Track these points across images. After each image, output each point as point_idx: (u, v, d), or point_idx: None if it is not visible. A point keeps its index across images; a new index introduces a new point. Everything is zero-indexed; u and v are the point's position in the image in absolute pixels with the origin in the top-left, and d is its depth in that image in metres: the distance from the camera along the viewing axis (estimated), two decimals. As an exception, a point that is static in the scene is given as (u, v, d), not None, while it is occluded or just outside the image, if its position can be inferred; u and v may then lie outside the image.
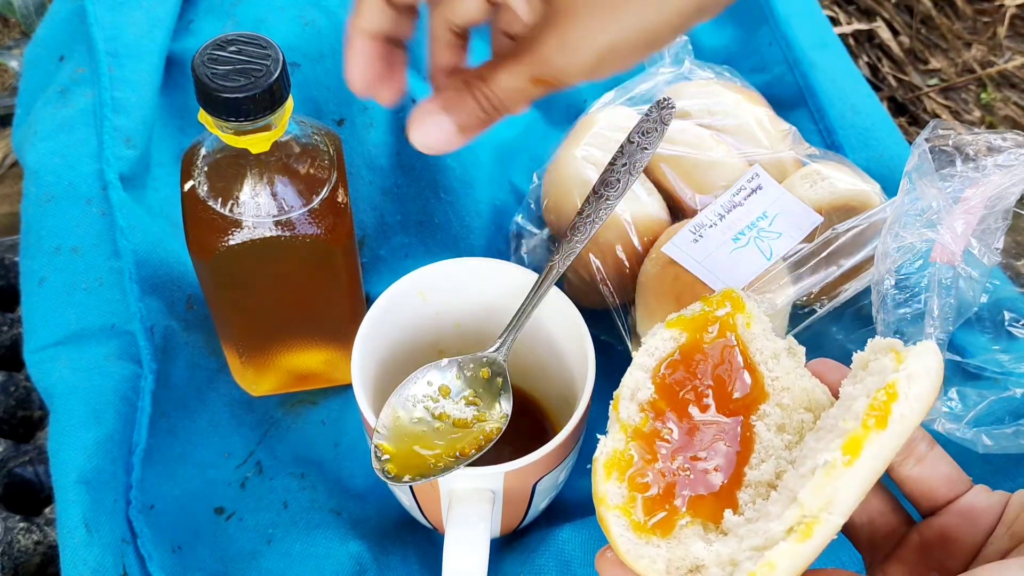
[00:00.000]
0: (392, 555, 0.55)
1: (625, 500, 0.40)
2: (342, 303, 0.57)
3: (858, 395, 0.38)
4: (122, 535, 0.54)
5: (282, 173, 0.50)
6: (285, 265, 0.53)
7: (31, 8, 0.86)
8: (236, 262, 0.51)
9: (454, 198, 0.69)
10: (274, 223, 0.50)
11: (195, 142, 0.52)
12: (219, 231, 0.50)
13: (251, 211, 0.50)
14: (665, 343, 0.43)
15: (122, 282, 0.61)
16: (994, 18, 0.95)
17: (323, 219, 0.51)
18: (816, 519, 0.35)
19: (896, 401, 0.36)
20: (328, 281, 0.55)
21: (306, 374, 0.61)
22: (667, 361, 0.43)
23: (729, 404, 0.42)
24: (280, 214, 0.50)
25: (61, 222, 0.63)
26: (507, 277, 0.54)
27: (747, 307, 0.44)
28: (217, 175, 0.50)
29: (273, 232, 0.50)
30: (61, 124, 0.67)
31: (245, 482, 0.58)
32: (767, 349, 0.43)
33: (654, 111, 0.56)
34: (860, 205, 0.60)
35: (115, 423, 0.56)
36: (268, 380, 0.61)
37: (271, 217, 0.50)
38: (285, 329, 0.58)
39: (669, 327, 0.43)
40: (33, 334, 0.60)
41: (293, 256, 0.52)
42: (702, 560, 0.38)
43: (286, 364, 0.60)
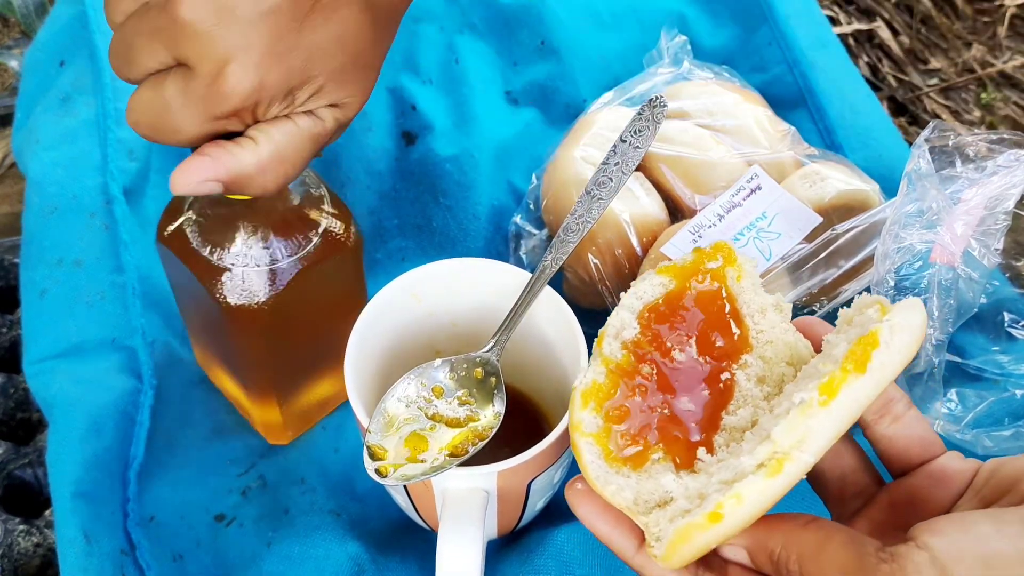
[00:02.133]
0: (391, 556, 0.55)
1: (600, 430, 0.41)
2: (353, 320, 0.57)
3: (839, 343, 0.38)
4: (121, 546, 0.54)
5: (281, 222, 0.50)
6: (306, 301, 0.52)
7: (31, 8, 0.86)
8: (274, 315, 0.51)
9: (452, 202, 0.69)
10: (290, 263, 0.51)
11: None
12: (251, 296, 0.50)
13: (253, 260, 0.50)
14: (654, 288, 0.44)
15: (124, 296, 0.61)
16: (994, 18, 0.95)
17: (326, 251, 0.52)
18: (787, 456, 0.35)
19: (877, 348, 0.36)
20: (340, 303, 0.55)
21: (329, 398, 0.61)
22: (654, 305, 0.43)
23: (712, 352, 0.43)
24: (274, 263, 0.50)
25: (64, 235, 0.63)
26: (501, 277, 0.54)
27: (738, 260, 0.44)
28: (213, 226, 0.50)
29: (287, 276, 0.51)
30: (64, 134, 0.67)
31: (247, 491, 0.58)
32: (754, 303, 0.44)
33: (646, 110, 0.56)
34: (860, 205, 0.60)
35: (114, 437, 0.56)
36: (301, 420, 0.60)
37: (268, 266, 0.50)
38: (315, 361, 0.58)
39: (660, 273, 0.44)
40: (33, 345, 0.60)
41: (309, 292, 0.52)
42: (671, 493, 0.39)
43: (316, 396, 0.59)
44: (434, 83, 0.76)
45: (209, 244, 0.50)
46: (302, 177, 0.52)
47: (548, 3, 0.79)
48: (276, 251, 0.50)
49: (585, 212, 0.53)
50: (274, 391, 0.56)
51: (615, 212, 0.60)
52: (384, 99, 0.74)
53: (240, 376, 0.56)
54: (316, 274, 0.51)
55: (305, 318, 0.54)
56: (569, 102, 0.76)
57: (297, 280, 0.51)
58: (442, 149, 0.71)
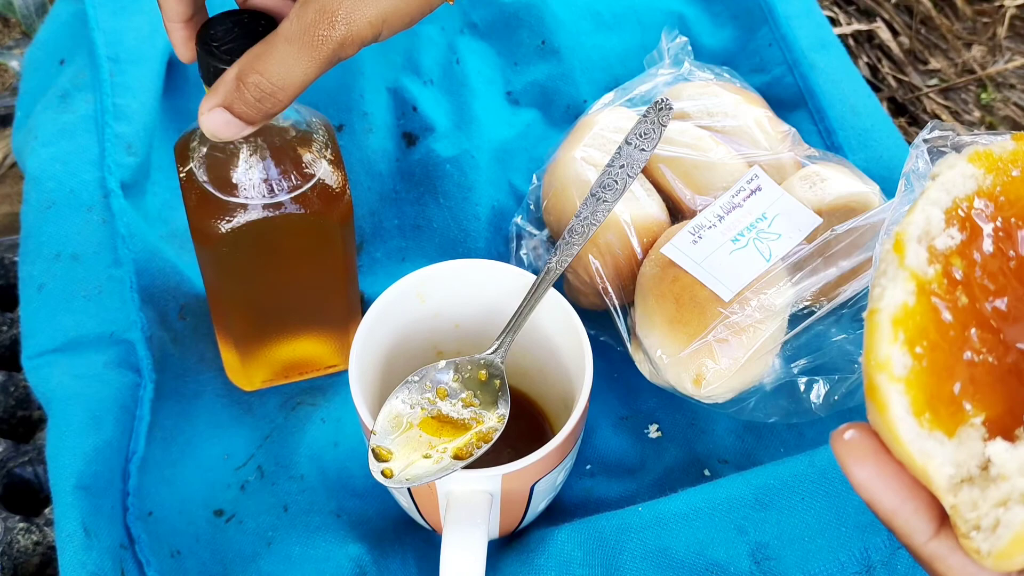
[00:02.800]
0: (391, 557, 0.55)
1: (909, 373, 0.31)
2: (338, 287, 0.57)
3: None
4: (120, 541, 0.54)
5: (278, 155, 0.50)
6: (282, 248, 0.53)
7: (31, 8, 0.86)
8: (235, 246, 0.52)
9: (453, 203, 0.69)
10: (270, 204, 0.51)
11: (191, 129, 0.53)
12: (217, 215, 0.51)
13: (247, 193, 0.50)
14: (966, 181, 0.34)
15: (122, 291, 0.61)
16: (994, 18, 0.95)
17: (318, 201, 0.51)
18: None
19: None
20: (324, 264, 0.55)
21: (300, 362, 0.61)
22: (965, 203, 0.34)
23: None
24: (272, 196, 0.51)
25: (61, 229, 0.63)
26: (505, 278, 0.54)
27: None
28: (214, 159, 0.51)
29: (270, 213, 0.51)
30: (62, 130, 0.67)
31: (245, 485, 0.58)
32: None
33: (652, 113, 0.56)
34: (860, 206, 0.60)
35: (114, 431, 0.56)
36: (262, 371, 0.61)
37: (265, 198, 0.50)
38: (283, 315, 0.58)
39: (972, 161, 0.34)
40: (31, 340, 0.60)
41: (290, 238, 0.52)
42: (1002, 468, 0.30)
43: (282, 353, 0.60)
44: (435, 84, 0.76)
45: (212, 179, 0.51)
46: (305, 117, 0.52)
47: (549, 3, 0.79)
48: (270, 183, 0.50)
49: (590, 214, 0.53)
50: (231, 328, 0.57)
51: (615, 213, 0.60)
52: (385, 100, 0.75)
53: (212, 309, 0.58)
54: (300, 222, 0.51)
55: (278, 263, 0.54)
56: (570, 103, 0.76)
57: (279, 219, 0.51)
58: (443, 150, 0.71)
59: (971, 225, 0.33)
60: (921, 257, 0.32)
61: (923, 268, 0.32)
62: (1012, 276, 0.33)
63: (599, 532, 0.53)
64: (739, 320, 0.54)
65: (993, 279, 0.32)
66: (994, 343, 0.32)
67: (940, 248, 0.33)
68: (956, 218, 0.33)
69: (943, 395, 0.31)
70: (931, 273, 0.32)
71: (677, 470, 0.59)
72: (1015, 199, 0.34)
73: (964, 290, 0.32)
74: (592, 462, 0.60)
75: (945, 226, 0.33)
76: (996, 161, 0.34)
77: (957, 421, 0.31)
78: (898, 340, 0.31)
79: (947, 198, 0.33)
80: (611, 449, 0.60)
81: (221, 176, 0.51)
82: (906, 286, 0.32)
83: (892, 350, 0.31)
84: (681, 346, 0.55)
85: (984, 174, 0.34)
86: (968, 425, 0.31)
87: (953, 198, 0.33)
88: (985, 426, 0.31)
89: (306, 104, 0.73)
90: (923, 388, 0.31)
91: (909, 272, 0.32)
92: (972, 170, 0.34)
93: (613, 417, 0.61)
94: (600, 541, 0.53)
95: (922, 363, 0.31)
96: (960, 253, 0.33)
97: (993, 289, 0.32)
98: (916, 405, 0.31)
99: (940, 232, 0.33)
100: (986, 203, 0.33)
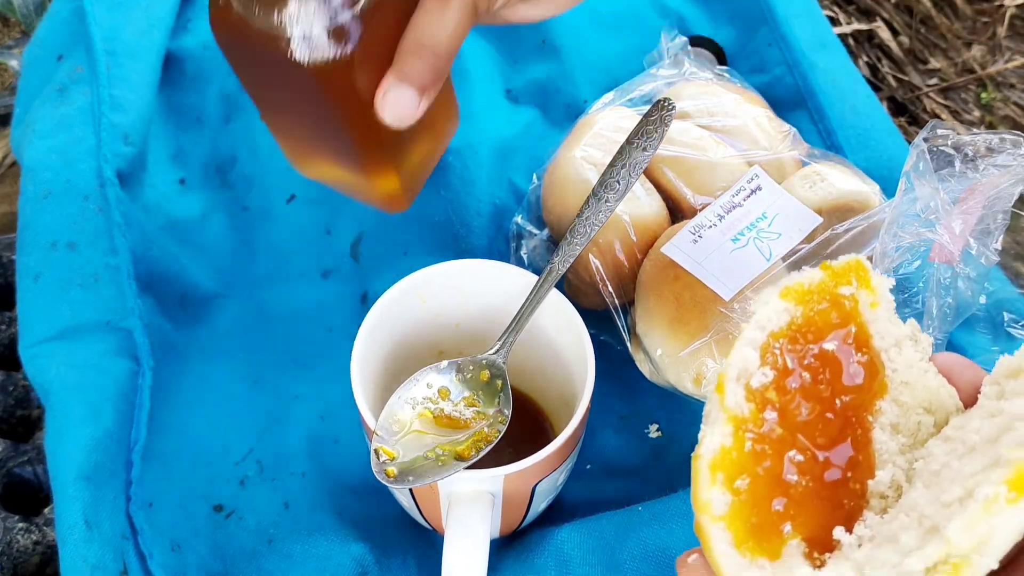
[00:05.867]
0: (393, 557, 0.55)
1: (730, 509, 0.33)
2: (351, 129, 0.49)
3: (1019, 414, 0.32)
4: (122, 532, 0.54)
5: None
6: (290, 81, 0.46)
7: (31, 8, 0.86)
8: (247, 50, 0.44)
9: (454, 195, 0.69)
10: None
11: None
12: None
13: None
14: (779, 316, 0.36)
15: (119, 279, 0.61)
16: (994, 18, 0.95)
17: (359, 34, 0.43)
18: (965, 560, 0.30)
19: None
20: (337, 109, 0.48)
21: (428, 155, 0.55)
22: (779, 338, 0.36)
23: (844, 397, 0.36)
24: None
25: (58, 218, 0.63)
26: (507, 279, 0.54)
27: (873, 282, 0.37)
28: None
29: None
30: (59, 122, 0.67)
31: (244, 480, 0.58)
32: (890, 335, 0.37)
33: (654, 112, 0.56)
34: (859, 206, 0.60)
35: (113, 420, 0.56)
36: (413, 181, 0.54)
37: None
38: (308, 141, 0.51)
39: (784, 297, 0.36)
40: (28, 329, 0.60)
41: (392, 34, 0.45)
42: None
43: (419, 153, 0.54)
44: (434, 76, 0.76)
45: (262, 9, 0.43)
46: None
47: (549, 2, 0.79)
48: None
49: (592, 214, 0.53)
50: (386, 154, 0.50)
51: (616, 212, 0.60)
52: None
53: (347, 153, 0.50)
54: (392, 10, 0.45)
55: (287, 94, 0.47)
56: (570, 102, 0.76)
57: (375, 20, 0.44)
58: (443, 142, 0.71)
59: (783, 359, 0.35)
60: (739, 396, 0.35)
61: (740, 407, 0.34)
62: (825, 401, 0.35)
63: (599, 532, 0.53)
64: (739, 319, 0.54)
65: (807, 406, 0.35)
66: (811, 465, 0.34)
67: (755, 386, 0.35)
68: (771, 353, 0.35)
69: (763, 523, 0.33)
70: (747, 411, 0.34)
71: (677, 470, 0.59)
72: (823, 327, 0.36)
73: (780, 421, 0.35)
74: (592, 462, 0.60)
75: (760, 363, 0.35)
76: (805, 293, 0.36)
77: (779, 543, 0.33)
78: (716, 482, 0.33)
79: (762, 335, 0.36)
80: (611, 449, 0.60)
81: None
82: (724, 428, 0.34)
83: (711, 493, 0.33)
84: (681, 345, 0.55)
85: (795, 306, 0.36)
86: (791, 545, 0.33)
87: (768, 333, 0.36)
88: (807, 543, 0.33)
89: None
90: (744, 519, 0.33)
91: (728, 414, 0.34)
92: (784, 305, 0.36)
93: (613, 417, 0.61)
94: (600, 541, 0.53)
95: (741, 497, 0.33)
96: (776, 386, 0.35)
97: (808, 416, 0.35)
98: (738, 536, 0.33)
99: (756, 370, 0.35)
100: (799, 335, 0.36)
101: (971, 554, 0.30)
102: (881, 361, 0.37)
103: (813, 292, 0.36)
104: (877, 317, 0.37)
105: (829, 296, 0.36)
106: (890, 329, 0.37)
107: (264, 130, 0.75)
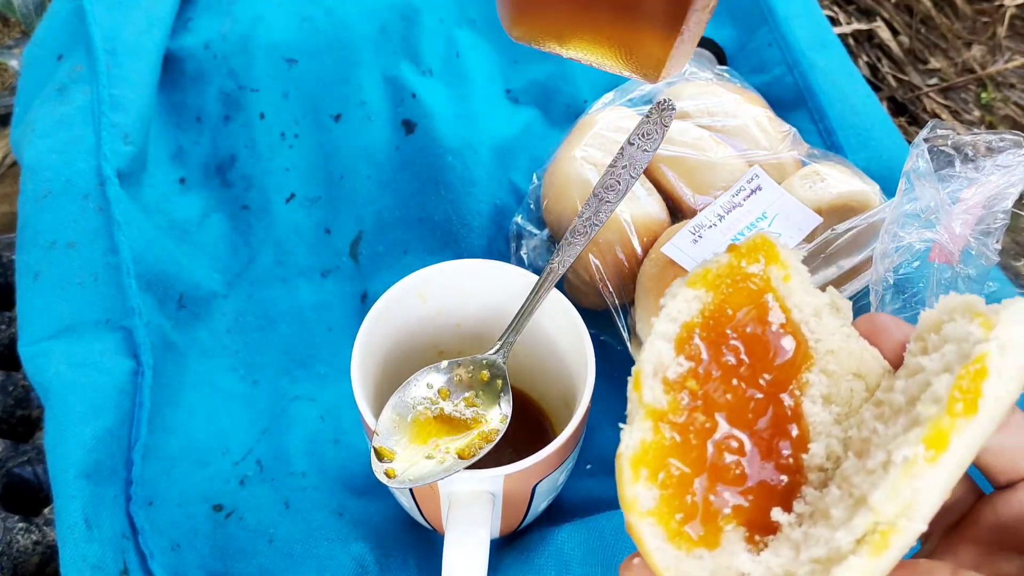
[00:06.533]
0: (393, 557, 0.55)
1: (658, 503, 0.33)
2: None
3: (936, 370, 0.32)
4: (122, 531, 0.54)
5: None
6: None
7: (31, 8, 0.86)
8: None
9: (454, 195, 0.69)
10: None
11: None
12: None
13: None
14: (689, 304, 0.36)
15: (118, 277, 0.61)
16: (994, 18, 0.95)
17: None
18: (893, 527, 0.29)
19: (987, 379, 0.29)
20: None
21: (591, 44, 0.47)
22: (692, 327, 0.35)
23: (768, 374, 0.35)
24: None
25: (57, 217, 0.63)
26: (507, 279, 0.54)
27: (782, 256, 0.37)
28: None
29: None
30: (59, 121, 0.67)
31: (244, 480, 0.58)
32: (807, 305, 0.36)
33: (654, 113, 0.56)
34: (859, 206, 0.60)
35: (113, 418, 0.56)
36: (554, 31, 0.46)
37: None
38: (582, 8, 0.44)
39: (691, 285, 0.36)
40: (27, 328, 0.60)
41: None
42: (750, 574, 0.32)
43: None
44: (434, 74, 0.76)
45: None
46: None
47: (549, 1, 0.79)
48: None
49: (593, 215, 0.53)
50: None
51: (616, 212, 0.60)
52: (383, 88, 0.74)
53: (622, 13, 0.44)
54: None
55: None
56: (570, 102, 0.76)
57: None
58: (443, 140, 0.71)
59: (698, 346, 0.35)
60: (657, 391, 0.34)
61: (659, 401, 0.34)
62: (749, 381, 0.35)
63: (599, 532, 0.53)
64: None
65: (729, 389, 0.34)
66: (739, 447, 0.34)
67: (672, 377, 0.34)
68: (687, 343, 0.35)
69: (696, 513, 0.33)
70: (665, 403, 0.34)
71: (677, 469, 0.59)
72: (736, 308, 0.36)
73: (703, 408, 0.34)
74: (592, 462, 0.60)
75: (676, 354, 0.35)
76: (715, 278, 0.36)
77: (717, 531, 0.33)
78: (640, 478, 0.33)
79: (675, 327, 0.35)
80: (611, 449, 0.60)
81: None
82: (643, 424, 0.34)
83: (635, 489, 0.33)
84: (681, 346, 0.55)
85: (706, 293, 0.36)
86: (729, 531, 0.33)
87: (681, 324, 0.35)
88: (747, 527, 0.33)
89: (303, 96, 0.73)
90: (674, 511, 0.33)
91: (646, 409, 0.34)
92: (693, 293, 0.36)
93: (613, 416, 0.61)
94: (600, 541, 0.53)
95: (668, 490, 0.33)
96: (693, 375, 0.34)
97: (731, 399, 0.34)
98: (670, 530, 0.32)
99: (671, 362, 0.35)
100: (712, 321, 0.35)
101: (898, 520, 0.29)
102: (802, 333, 0.36)
103: (722, 276, 0.36)
104: (792, 290, 0.36)
105: (739, 277, 0.36)
106: (807, 300, 0.37)
107: (264, 130, 0.76)
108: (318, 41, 0.74)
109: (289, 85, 0.74)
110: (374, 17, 0.76)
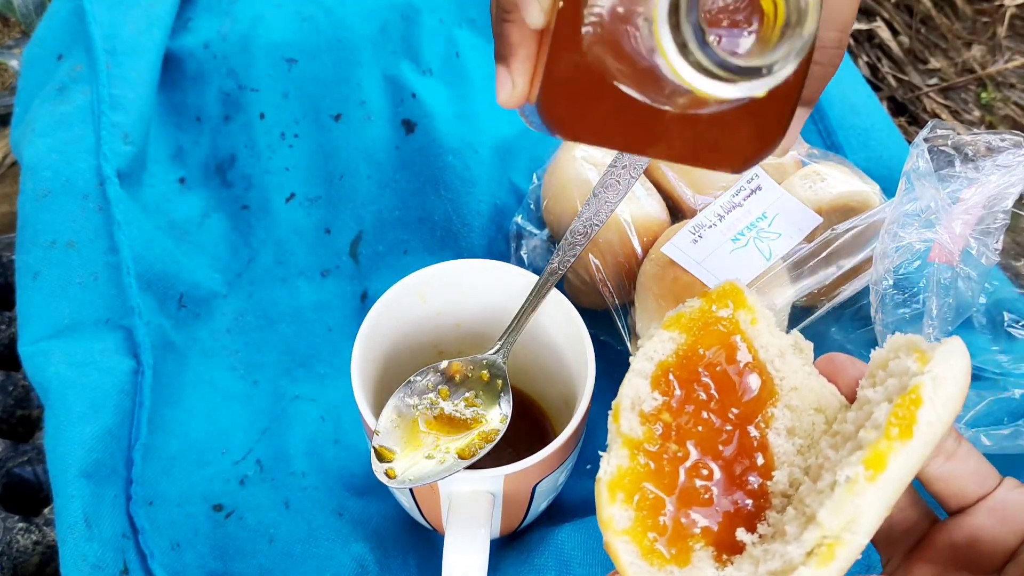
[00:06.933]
0: (393, 557, 0.55)
1: (633, 523, 0.36)
2: None
3: (878, 400, 0.36)
4: (122, 531, 0.54)
5: None
6: None
7: (31, 8, 0.86)
8: None
9: (454, 195, 0.69)
10: None
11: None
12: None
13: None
14: (664, 345, 0.39)
15: (118, 277, 0.61)
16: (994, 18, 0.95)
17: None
18: (838, 540, 0.32)
19: (921, 407, 0.33)
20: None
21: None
22: (667, 365, 0.39)
23: (736, 408, 0.39)
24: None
25: (57, 217, 0.63)
26: (507, 279, 0.54)
27: (749, 301, 0.40)
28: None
29: None
30: (59, 121, 0.67)
31: (244, 480, 0.59)
32: (773, 346, 0.40)
33: (654, 113, 0.56)
34: (859, 206, 0.60)
35: (113, 418, 0.56)
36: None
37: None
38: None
39: (667, 328, 0.40)
40: (27, 327, 0.60)
41: None
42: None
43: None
44: (434, 74, 0.76)
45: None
46: None
47: (548, 1, 0.79)
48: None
49: (593, 215, 0.53)
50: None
51: (616, 212, 0.60)
52: (383, 88, 0.74)
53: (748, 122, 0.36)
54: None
55: None
56: (570, 101, 0.76)
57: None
58: (443, 139, 0.71)
59: (671, 383, 0.39)
60: (634, 422, 0.38)
61: (635, 431, 0.38)
62: (718, 414, 0.38)
63: (599, 532, 0.53)
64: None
65: (699, 422, 0.38)
66: (709, 475, 0.37)
67: (648, 411, 0.38)
68: (662, 379, 0.39)
69: (668, 533, 0.36)
70: (640, 433, 0.38)
71: (677, 469, 0.59)
72: (707, 348, 0.39)
73: (675, 439, 0.38)
74: (592, 461, 0.60)
75: (651, 389, 0.38)
76: (688, 321, 0.40)
77: (688, 550, 0.36)
78: (616, 500, 0.36)
79: (651, 365, 0.39)
80: (611, 448, 0.60)
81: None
82: (620, 452, 0.37)
83: (612, 510, 0.36)
84: (681, 345, 0.55)
85: (680, 334, 0.39)
86: (698, 550, 0.36)
87: (657, 363, 0.39)
88: (715, 547, 0.36)
89: (303, 96, 0.73)
90: (647, 531, 0.36)
91: (624, 438, 0.37)
92: (668, 335, 0.40)
93: (613, 416, 0.61)
94: (600, 541, 0.52)
95: (642, 511, 0.36)
96: (667, 408, 0.38)
97: (702, 430, 0.38)
98: (644, 548, 0.36)
99: (647, 396, 0.38)
100: (685, 360, 0.39)
101: (842, 533, 0.32)
102: (768, 371, 0.40)
103: (695, 319, 0.40)
104: (759, 332, 0.40)
105: (710, 320, 0.40)
106: (773, 341, 0.40)
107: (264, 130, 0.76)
108: (318, 41, 0.74)
109: (289, 85, 0.74)
110: (374, 17, 0.76)
